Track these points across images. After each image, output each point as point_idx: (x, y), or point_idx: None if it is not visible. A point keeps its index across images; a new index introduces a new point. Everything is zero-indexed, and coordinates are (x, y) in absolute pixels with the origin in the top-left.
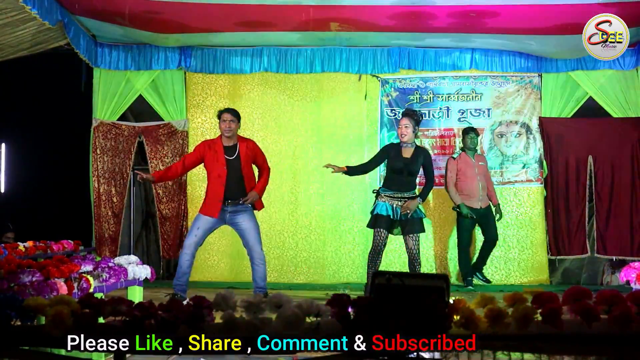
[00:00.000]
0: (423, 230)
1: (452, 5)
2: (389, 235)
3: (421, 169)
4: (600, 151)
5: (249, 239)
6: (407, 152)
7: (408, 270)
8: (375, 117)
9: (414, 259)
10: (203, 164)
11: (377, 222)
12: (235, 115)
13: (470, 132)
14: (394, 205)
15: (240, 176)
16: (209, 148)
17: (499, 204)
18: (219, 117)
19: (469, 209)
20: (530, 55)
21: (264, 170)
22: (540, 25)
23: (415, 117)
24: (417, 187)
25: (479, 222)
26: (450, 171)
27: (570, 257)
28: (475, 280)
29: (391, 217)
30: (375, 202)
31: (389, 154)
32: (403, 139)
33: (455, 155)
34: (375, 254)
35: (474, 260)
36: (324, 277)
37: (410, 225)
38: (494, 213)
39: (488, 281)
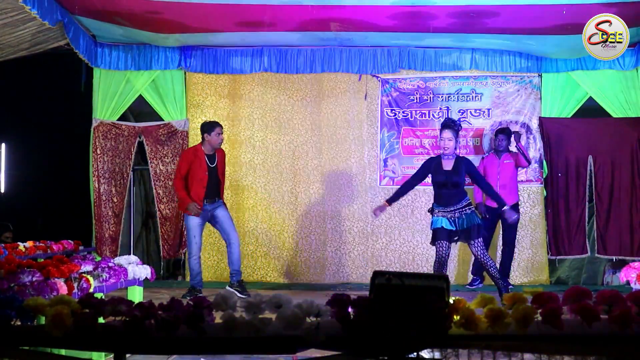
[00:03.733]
0: (479, 236)
1: (452, 5)
2: (448, 243)
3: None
4: (600, 151)
5: (225, 225)
6: (448, 165)
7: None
8: (375, 117)
9: (482, 263)
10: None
11: (438, 235)
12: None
13: (499, 134)
14: (451, 218)
15: (218, 180)
16: (195, 156)
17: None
18: (212, 129)
19: (485, 208)
20: (530, 55)
21: (223, 182)
22: (540, 25)
23: (455, 128)
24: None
25: (501, 223)
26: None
27: (570, 257)
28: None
29: (451, 229)
30: (432, 219)
31: (430, 168)
32: (446, 151)
33: (485, 156)
34: (440, 265)
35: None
36: (324, 277)
37: (468, 233)
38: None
39: (508, 285)
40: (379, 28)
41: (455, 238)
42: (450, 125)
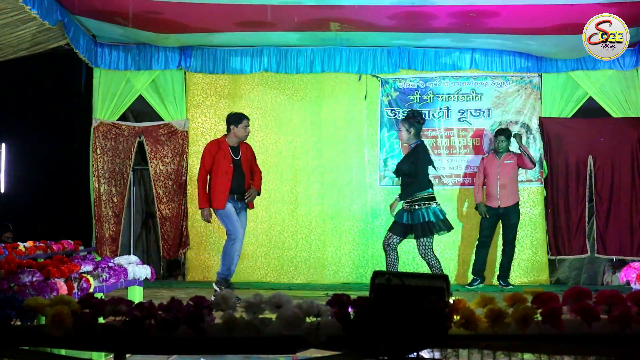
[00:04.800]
0: (426, 235)
1: (452, 5)
2: (404, 239)
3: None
4: (600, 151)
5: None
6: (405, 153)
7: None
8: (375, 117)
9: (427, 263)
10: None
11: (391, 227)
12: None
13: (499, 135)
14: (407, 210)
15: (243, 174)
16: (219, 148)
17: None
18: (240, 121)
19: (486, 208)
20: (530, 55)
21: (257, 172)
22: (540, 25)
23: (407, 119)
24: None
25: (501, 223)
26: (478, 171)
27: (570, 257)
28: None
29: (405, 222)
30: None
31: None
32: (402, 142)
33: (484, 156)
34: (386, 256)
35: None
36: (324, 277)
37: (415, 231)
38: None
39: (508, 285)
40: (379, 28)
41: (411, 233)
42: (403, 117)
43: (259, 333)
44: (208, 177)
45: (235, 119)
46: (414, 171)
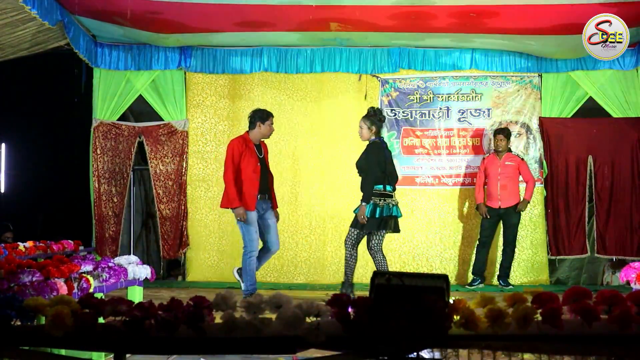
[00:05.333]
0: (354, 226)
1: (452, 5)
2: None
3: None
4: (600, 151)
5: (273, 234)
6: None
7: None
8: None
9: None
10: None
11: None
12: None
13: (497, 134)
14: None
15: (267, 173)
16: (245, 145)
17: (525, 200)
18: (267, 118)
19: (487, 209)
20: (530, 55)
21: (273, 185)
22: (540, 25)
23: (368, 116)
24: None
25: (502, 223)
26: (479, 171)
27: (570, 257)
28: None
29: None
30: None
31: None
32: (361, 139)
33: (485, 156)
34: (373, 260)
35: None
36: (324, 277)
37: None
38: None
39: (508, 285)
40: (379, 28)
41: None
42: (364, 115)
43: (259, 333)
44: (236, 176)
45: (262, 116)
46: (364, 168)
